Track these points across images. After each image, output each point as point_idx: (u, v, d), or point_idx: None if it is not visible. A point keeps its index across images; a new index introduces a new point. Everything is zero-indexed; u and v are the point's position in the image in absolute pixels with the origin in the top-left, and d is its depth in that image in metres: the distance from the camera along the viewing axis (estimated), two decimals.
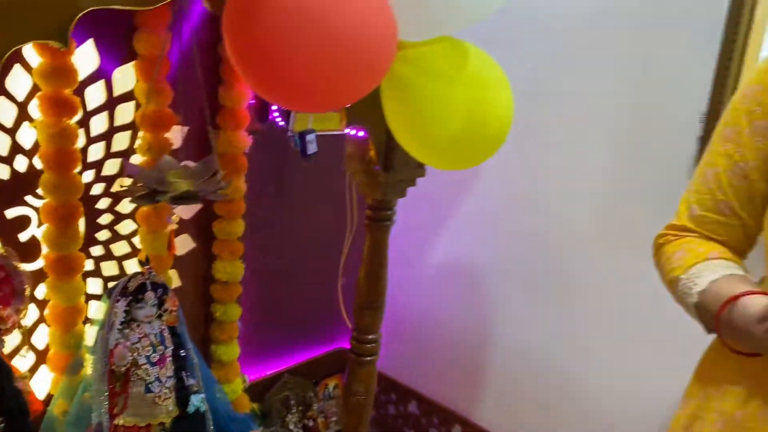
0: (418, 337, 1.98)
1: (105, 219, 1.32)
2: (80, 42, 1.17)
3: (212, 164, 1.19)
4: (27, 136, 1.15)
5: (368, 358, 1.35)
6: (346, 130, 1.24)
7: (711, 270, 0.82)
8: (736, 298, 0.75)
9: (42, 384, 1.28)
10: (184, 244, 1.47)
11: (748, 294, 0.75)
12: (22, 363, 1.22)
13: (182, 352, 1.29)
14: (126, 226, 1.36)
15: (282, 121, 1.41)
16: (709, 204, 0.88)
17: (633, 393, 1.54)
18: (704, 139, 1.31)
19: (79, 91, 1.17)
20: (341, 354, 1.90)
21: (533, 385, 1.74)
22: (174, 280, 1.45)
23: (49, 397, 1.26)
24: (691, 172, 1.39)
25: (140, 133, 1.27)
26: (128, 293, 1.21)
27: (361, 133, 1.23)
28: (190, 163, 1.27)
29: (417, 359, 2.00)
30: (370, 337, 1.34)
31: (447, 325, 1.91)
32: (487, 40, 1.15)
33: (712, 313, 0.78)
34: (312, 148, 1.60)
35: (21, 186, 1.17)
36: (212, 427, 1.32)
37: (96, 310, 1.25)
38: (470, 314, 1.85)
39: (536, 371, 1.73)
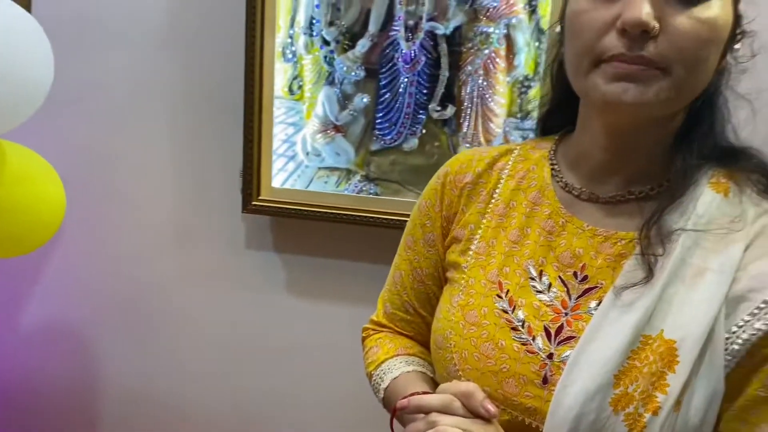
0: (25, 408, 1.93)
1: None
2: None
3: None
4: None
5: None
6: None
7: (395, 368, 0.88)
8: (404, 398, 0.76)
9: None
10: None
11: (413, 395, 0.76)
12: None
13: None
14: None
15: None
16: (397, 303, 0.94)
17: (230, 402, 1.82)
18: (244, 190, 1.62)
19: None
20: None
21: (150, 419, 1.88)
22: None
23: None
24: (240, 218, 1.70)
25: None
26: None
27: None
28: None
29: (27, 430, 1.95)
30: None
31: (55, 387, 1.90)
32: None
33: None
34: None
35: None
36: None
37: None
38: (77, 371, 1.89)
39: (150, 405, 1.87)
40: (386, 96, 1.54)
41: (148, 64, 1.67)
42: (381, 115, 1.56)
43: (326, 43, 1.53)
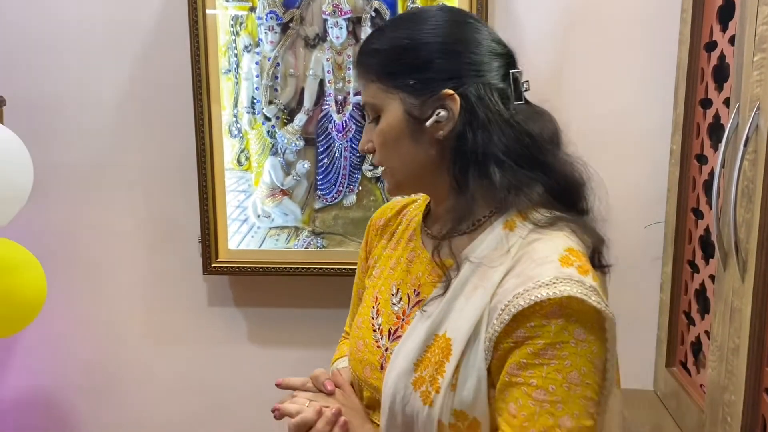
0: None
1: None
2: None
3: None
4: None
5: None
6: None
7: (340, 363, 1.14)
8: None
9: None
10: None
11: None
12: None
13: None
14: None
15: None
16: (352, 316, 1.20)
17: None
18: (204, 254, 1.79)
19: None
20: None
21: None
22: None
23: None
24: (201, 279, 1.87)
25: None
26: None
27: None
28: None
29: None
30: None
31: None
32: None
33: None
34: None
35: None
36: None
37: None
38: None
39: None
40: (324, 161, 1.75)
41: (106, 146, 1.84)
42: (321, 177, 1.76)
43: (267, 119, 1.73)
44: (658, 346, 1.68)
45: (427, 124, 0.90)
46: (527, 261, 0.85)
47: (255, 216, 1.80)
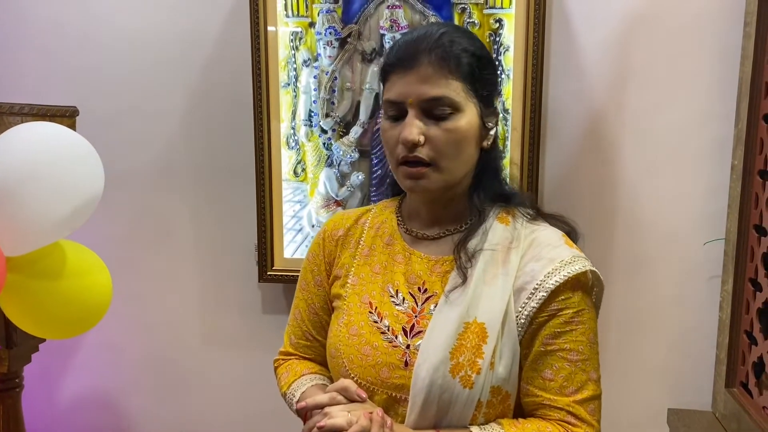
0: None
1: None
2: None
3: None
4: None
5: None
6: None
7: (303, 385, 1.12)
8: (301, 402, 1.02)
9: None
10: None
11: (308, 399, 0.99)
12: None
13: None
14: None
15: None
16: (299, 333, 1.18)
17: None
18: (260, 262, 1.83)
19: None
20: None
21: None
22: None
23: None
24: (256, 287, 1.91)
25: None
26: None
27: None
28: None
29: None
30: None
31: None
32: None
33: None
34: None
35: None
36: None
37: None
38: None
39: None
40: (378, 173, 1.78)
41: (168, 156, 1.91)
42: (375, 189, 1.79)
43: (324, 131, 1.77)
44: (717, 366, 1.64)
45: (491, 132, 1.04)
46: (539, 246, 1.00)
47: (309, 226, 1.83)
